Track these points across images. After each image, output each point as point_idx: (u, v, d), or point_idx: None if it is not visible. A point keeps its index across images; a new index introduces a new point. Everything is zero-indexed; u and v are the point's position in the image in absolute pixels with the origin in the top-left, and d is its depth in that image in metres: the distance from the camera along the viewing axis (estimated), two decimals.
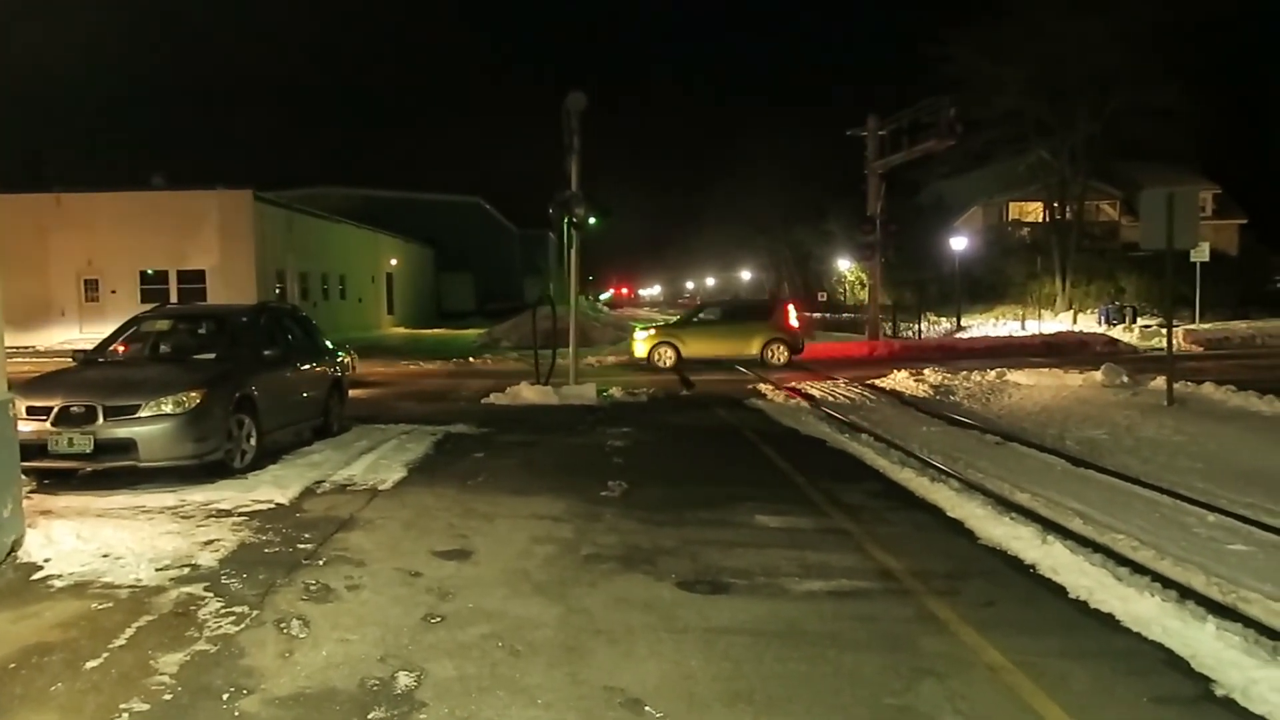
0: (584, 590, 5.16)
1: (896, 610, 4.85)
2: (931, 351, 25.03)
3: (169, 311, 11.82)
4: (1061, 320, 34.06)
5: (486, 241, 57.78)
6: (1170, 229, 11.88)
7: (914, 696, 3.80)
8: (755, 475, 8.60)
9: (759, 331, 21.29)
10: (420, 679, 3.95)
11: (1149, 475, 8.04)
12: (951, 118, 23.62)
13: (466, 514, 6.94)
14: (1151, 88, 30.26)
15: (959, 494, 7.34)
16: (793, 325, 21.72)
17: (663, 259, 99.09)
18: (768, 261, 58.78)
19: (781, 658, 4.19)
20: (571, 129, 14.54)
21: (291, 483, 7.88)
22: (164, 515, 6.80)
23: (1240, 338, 26.87)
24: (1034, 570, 5.48)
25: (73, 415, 7.60)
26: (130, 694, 3.80)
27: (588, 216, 15.00)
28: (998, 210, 44.64)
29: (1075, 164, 35.40)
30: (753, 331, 21.39)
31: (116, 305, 28.47)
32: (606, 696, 3.79)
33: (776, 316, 21.90)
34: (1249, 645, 4.15)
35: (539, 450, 9.96)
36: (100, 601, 4.93)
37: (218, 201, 30.46)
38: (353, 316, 39.04)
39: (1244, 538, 6.12)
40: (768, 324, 21.56)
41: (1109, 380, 14.66)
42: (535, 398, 14.16)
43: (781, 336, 21.29)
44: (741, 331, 21.57)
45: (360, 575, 5.41)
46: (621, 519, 6.76)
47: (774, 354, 21.04)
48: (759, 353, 21.00)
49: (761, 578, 5.36)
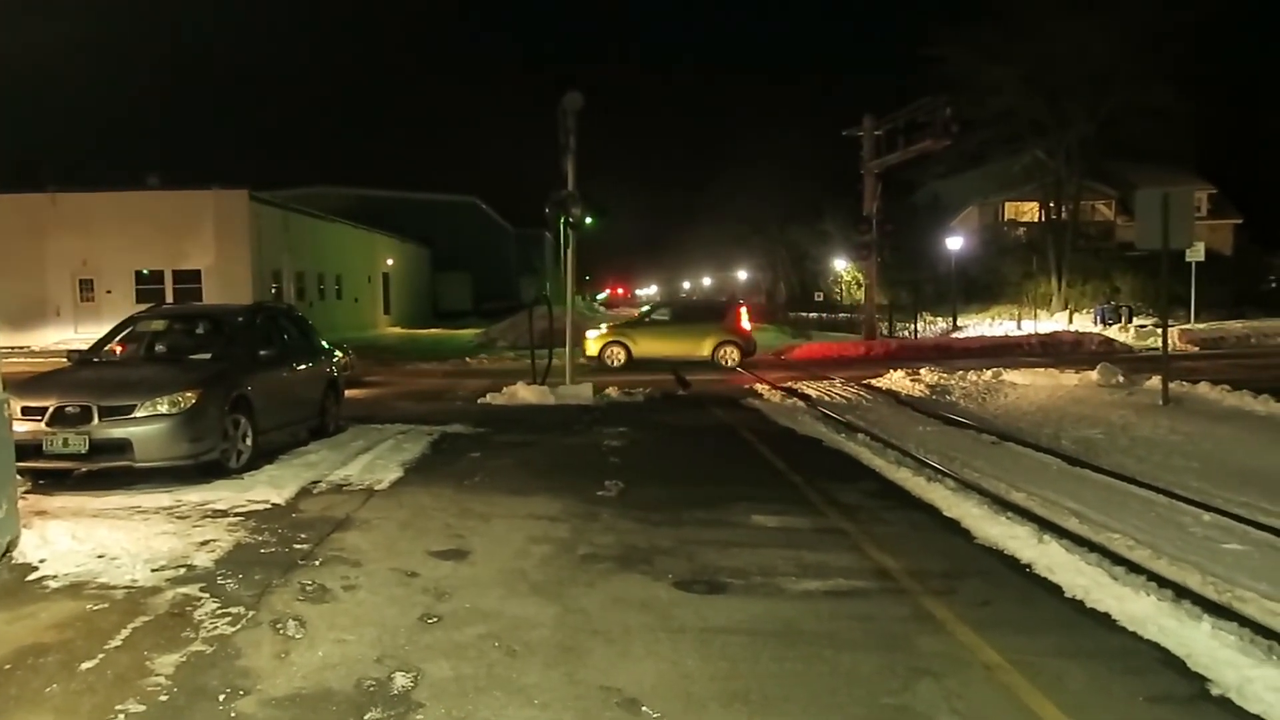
0: (581, 590, 5.15)
1: (893, 610, 4.85)
2: (928, 351, 25.04)
3: (164, 311, 11.79)
4: (1057, 320, 34.09)
5: (483, 241, 57.78)
6: (1165, 229, 11.91)
7: (911, 696, 3.80)
8: (752, 475, 8.60)
9: (711, 333, 21.24)
10: (417, 679, 3.94)
11: (1145, 475, 8.05)
12: (947, 117, 23.65)
13: (463, 514, 6.93)
14: (1147, 88, 30.30)
15: (955, 493, 7.35)
16: (744, 328, 21.73)
17: (659, 259, 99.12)
18: (764, 261, 58.79)
19: (778, 657, 4.19)
20: (568, 128, 14.53)
21: (287, 483, 7.87)
22: (160, 516, 6.79)
23: (1235, 337, 26.92)
24: (1030, 569, 5.48)
25: (68, 415, 7.58)
26: (126, 695, 3.79)
27: (584, 216, 14.98)
28: (993, 210, 44.68)
29: (1071, 164, 35.43)
30: (704, 333, 21.35)
31: (112, 305, 28.43)
32: (603, 696, 3.79)
33: (728, 319, 21.86)
34: (1244, 644, 4.16)
35: (536, 450, 9.96)
36: (96, 602, 4.92)
37: (213, 201, 30.41)
38: (349, 316, 39.00)
39: (1239, 537, 6.13)
40: (719, 326, 21.54)
41: (1104, 380, 14.69)
42: (532, 397, 14.16)
43: (733, 338, 21.27)
44: (693, 333, 21.50)
45: (356, 575, 5.40)
46: (618, 519, 6.76)
47: (725, 356, 20.98)
48: (710, 354, 20.94)
49: (758, 577, 5.36)
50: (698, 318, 22.82)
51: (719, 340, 21.11)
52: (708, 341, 21.08)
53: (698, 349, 21.06)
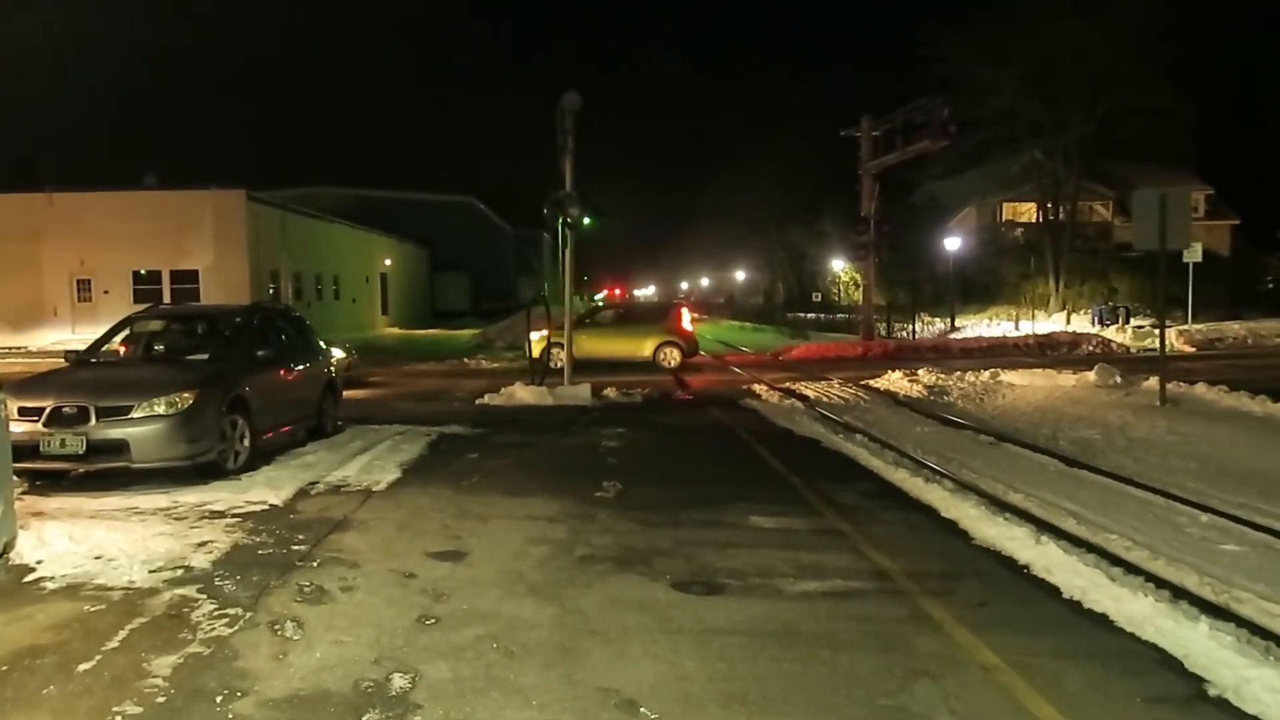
0: (579, 591, 5.15)
1: (891, 611, 4.86)
2: (925, 352, 25.07)
3: (162, 312, 11.77)
4: (1055, 320, 34.12)
5: (481, 241, 57.80)
6: (1163, 229, 11.92)
7: (908, 697, 3.80)
8: (750, 476, 8.60)
9: (651, 334, 21.30)
10: (415, 680, 3.94)
11: (1142, 475, 8.06)
12: (945, 118, 23.68)
13: (461, 515, 6.93)
14: (1145, 88, 30.30)
15: (953, 494, 7.35)
16: (685, 329, 21.85)
17: (657, 259, 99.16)
18: (762, 261, 58.83)
19: (776, 658, 4.19)
20: (566, 129, 14.53)
21: (285, 484, 7.86)
22: (157, 517, 6.78)
23: (1233, 338, 26.96)
24: (1028, 570, 5.49)
25: (65, 416, 7.57)
26: (123, 696, 3.78)
27: (582, 217, 14.98)
28: (991, 211, 44.72)
29: (1068, 164, 35.45)
30: (645, 334, 21.43)
31: (109, 305, 28.40)
32: (601, 697, 3.79)
33: (669, 320, 22.00)
34: (1241, 645, 4.16)
35: (533, 451, 9.96)
36: (93, 603, 4.91)
37: (211, 201, 30.38)
38: (347, 317, 38.97)
39: (1237, 538, 6.14)
40: (660, 327, 21.63)
41: (1102, 380, 14.70)
42: (530, 398, 14.16)
43: (673, 339, 21.33)
44: (634, 334, 21.58)
45: (354, 577, 5.40)
46: (616, 520, 6.76)
47: (665, 356, 21.05)
48: (651, 355, 20.99)
49: (756, 578, 5.36)
50: (639, 319, 23.05)
51: (660, 341, 21.19)
52: (649, 342, 21.11)
53: (639, 349, 21.14)
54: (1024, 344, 25.82)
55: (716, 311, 64.46)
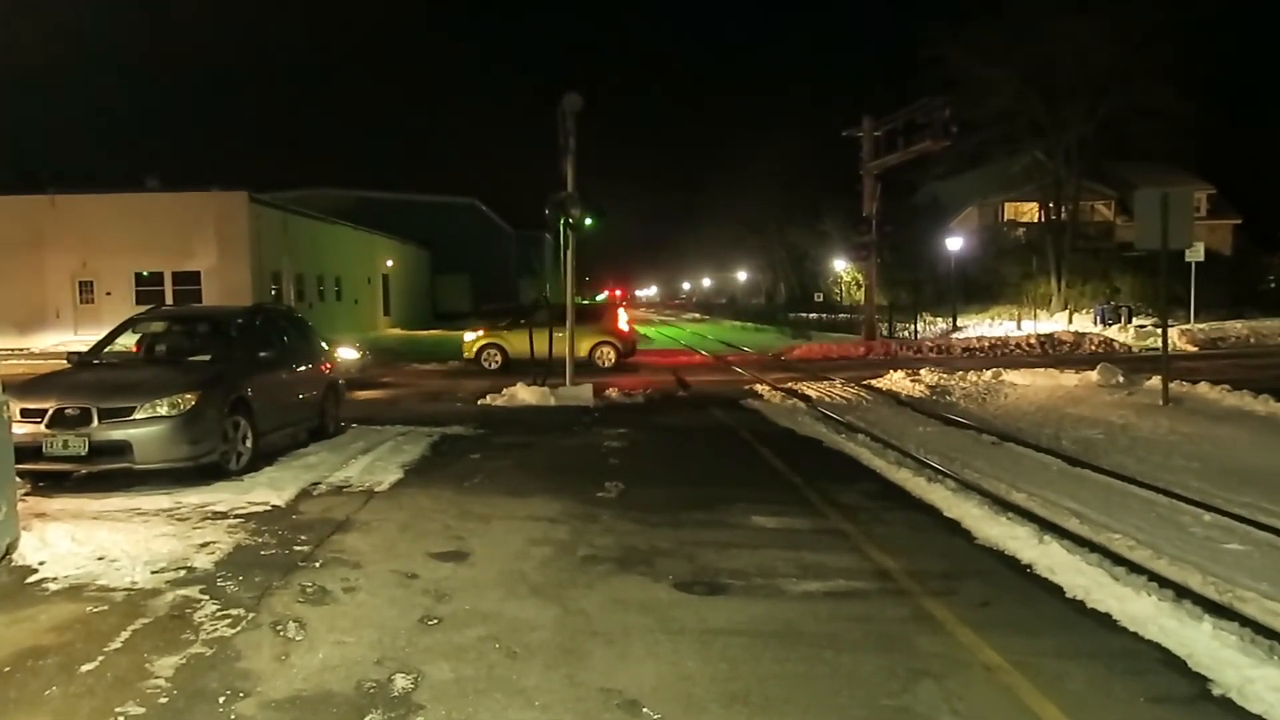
0: (581, 592, 5.15)
1: (893, 610, 4.85)
2: (927, 352, 25.06)
3: (164, 313, 11.77)
4: (1057, 320, 34.11)
5: (482, 243, 57.82)
6: (1165, 229, 11.91)
7: (911, 697, 3.80)
8: (751, 476, 8.60)
9: (588, 334, 21.09)
10: (417, 681, 3.94)
11: (1145, 475, 8.05)
12: (946, 118, 23.68)
13: (463, 516, 6.93)
14: (1146, 88, 30.30)
15: (955, 494, 7.34)
16: (621, 329, 21.86)
17: (658, 260, 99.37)
18: (764, 262, 58.90)
19: (779, 658, 4.19)
20: (567, 130, 14.53)
21: (287, 485, 7.86)
22: (159, 518, 6.78)
23: (1235, 337, 26.94)
24: (1031, 570, 5.48)
25: (68, 417, 7.57)
26: (126, 697, 3.78)
27: (583, 218, 14.98)
28: (993, 211, 44.72)
29: (1070, 164, 35.44)
30: (581, 334, 21.18)
31: (111, 307, 28.44)
32: (604, 698, 3.79)
33: (605, 320, 22.04)
34: (1245, 644, 4.15)
35: (535, 452, 9.96)
36: (95, 604, 4.91)
37: (213, 203, 30.42)
38: (349, 318, 39.01)
39: (1240, 537, 6.13)
40: (597, 327, 21.60)
41: (1104, 380, 14.69)
42: (531, 399, 14.16)
43: (609, 339, 21.40)
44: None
45: (357, 577, 5.40)
46: (618, 520, 6.75)
47: (602, 356, 21.08)
48: (587, 354, 20.88)
49: (758, 579, 5.36)
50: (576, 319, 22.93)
51: (596, 341, 21.19)
52: (585, 342, 20.89)
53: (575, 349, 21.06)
54: (1026, 344, 25.81)
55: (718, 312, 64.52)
